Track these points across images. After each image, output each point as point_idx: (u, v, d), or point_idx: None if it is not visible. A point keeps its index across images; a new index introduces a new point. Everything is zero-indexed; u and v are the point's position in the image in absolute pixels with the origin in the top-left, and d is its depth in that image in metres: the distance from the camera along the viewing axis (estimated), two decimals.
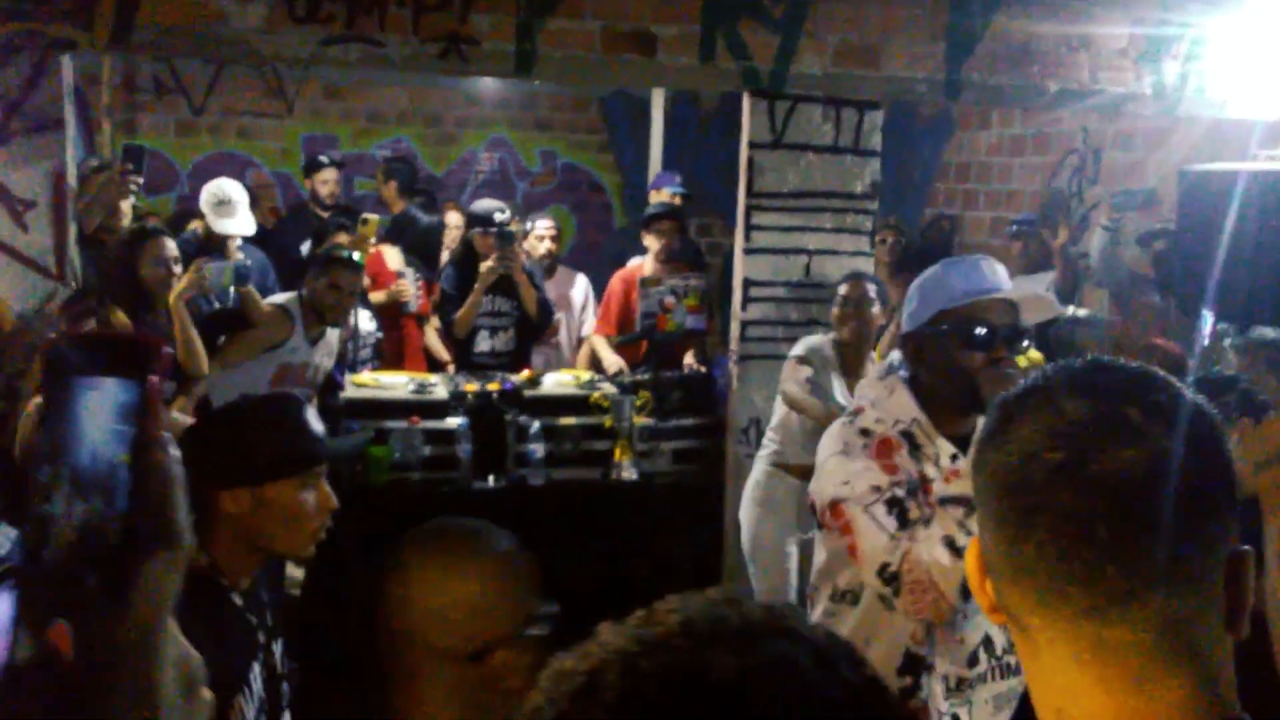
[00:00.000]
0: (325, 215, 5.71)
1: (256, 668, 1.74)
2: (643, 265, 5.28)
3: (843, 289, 3.94)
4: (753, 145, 4.18)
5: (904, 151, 6.71)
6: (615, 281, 5.32)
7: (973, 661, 2.16)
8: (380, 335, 4.94)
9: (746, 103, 4.18)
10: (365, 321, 4.82)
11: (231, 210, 4.59)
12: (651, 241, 5.20)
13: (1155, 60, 4.44)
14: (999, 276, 2.17)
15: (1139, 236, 5.24)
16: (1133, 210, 5.14)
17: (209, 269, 3.86)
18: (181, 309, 3.75)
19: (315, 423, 1.82)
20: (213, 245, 4.56)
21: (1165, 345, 3.94)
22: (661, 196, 5.86)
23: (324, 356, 4.31)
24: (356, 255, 4.32)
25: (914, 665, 2.15)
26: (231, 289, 4.03)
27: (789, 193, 4.22)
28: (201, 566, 1.68)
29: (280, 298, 4.29)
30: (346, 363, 4.60)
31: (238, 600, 1.76)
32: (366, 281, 4.78)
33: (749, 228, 4.23)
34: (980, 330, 2.08)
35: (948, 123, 7.54)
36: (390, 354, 5.17)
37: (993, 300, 2.12)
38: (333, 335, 4.36)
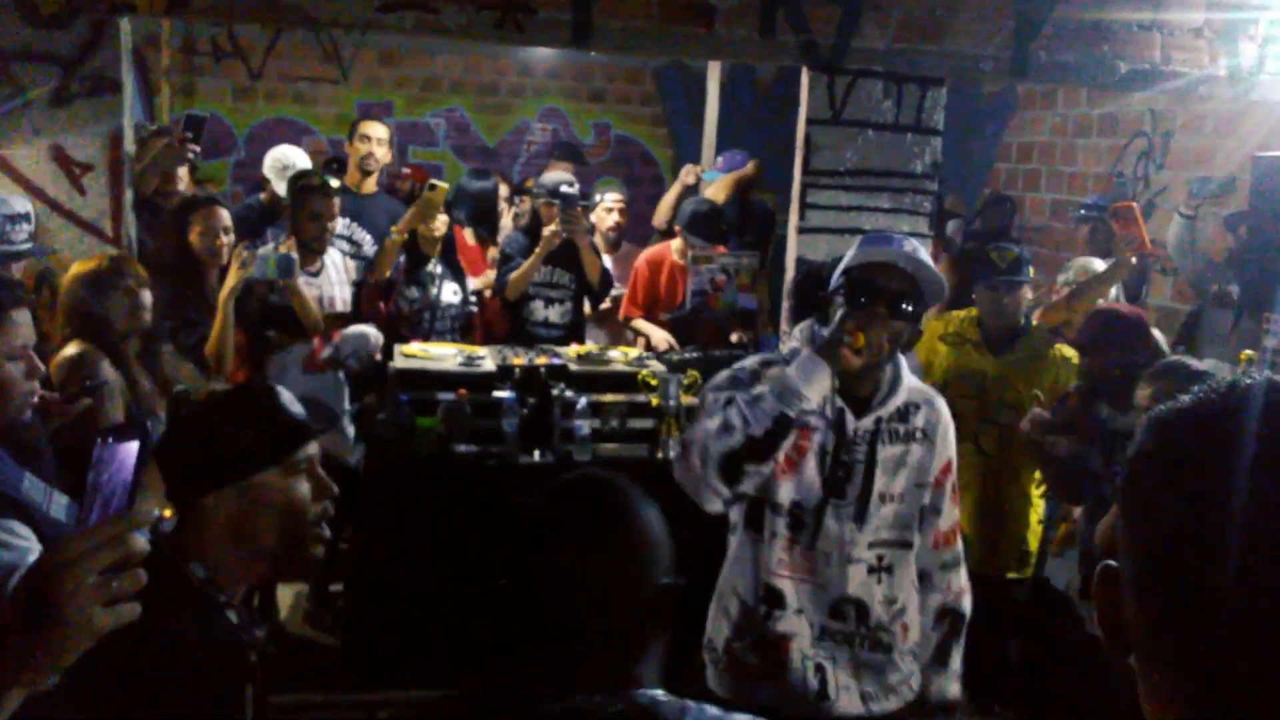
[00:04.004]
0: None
1: (249, 692, 1.65)
2: (669, 247, 5.21)
3: None
4: (810, 121, 4.09)
5: (964, 130, 6.55)
6: (641, 264, 5.23)
7: (837, 614, 2.30)
8: (471, 310, 4.84)
9: (805, 78, 4.09)
10: (449, 294, 4.73)
11: None
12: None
13: (1231, 42, 4.29)
14: (904, 247, 2.25)
15: (1226, 218, 5.08)
16: (1210, 197, 4.98)
17: (249, 255, 3.76)
18: (230, 309, 3.70)
19: (293, 406, 1.72)
20: (278, 212, 4.57)
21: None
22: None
23: (334, 284, 4.35)
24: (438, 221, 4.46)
25: (773, 597, 2.34)
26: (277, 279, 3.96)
27: (846, 171, 4.13)
28: (194, 580, 1.60)
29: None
30: (422, 332, 4.56)
31: (233, 617, 1.66)
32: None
33: (804, 206, 4.15)
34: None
35: (1010, 101, 7.35)
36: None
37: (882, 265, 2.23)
38: (334, 262, 4.37)
